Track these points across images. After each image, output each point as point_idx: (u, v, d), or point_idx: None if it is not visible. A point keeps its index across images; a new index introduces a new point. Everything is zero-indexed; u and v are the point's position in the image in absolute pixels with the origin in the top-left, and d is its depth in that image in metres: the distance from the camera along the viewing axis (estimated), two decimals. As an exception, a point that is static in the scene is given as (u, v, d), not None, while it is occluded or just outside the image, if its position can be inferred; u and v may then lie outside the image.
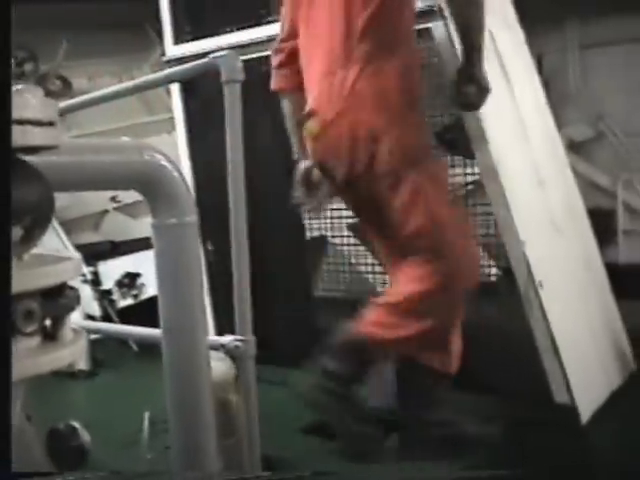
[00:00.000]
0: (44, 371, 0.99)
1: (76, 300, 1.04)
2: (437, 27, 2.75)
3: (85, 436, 1.62)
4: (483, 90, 2.57)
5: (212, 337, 1.67)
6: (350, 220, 4.05)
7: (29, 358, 0.98)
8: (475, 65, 2.54)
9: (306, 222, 4.28)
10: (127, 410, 3.56)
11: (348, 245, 4.33)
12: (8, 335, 0.84)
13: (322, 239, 4.46)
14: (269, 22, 3.35)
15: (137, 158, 1.42)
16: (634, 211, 6.73)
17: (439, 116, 3.56)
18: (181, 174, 1.54)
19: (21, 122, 1.04)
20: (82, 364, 3.95)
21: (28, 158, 0.98)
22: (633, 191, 6.68)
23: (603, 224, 4.81)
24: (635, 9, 6.12)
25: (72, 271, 1.07)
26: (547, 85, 3.74)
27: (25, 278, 0.95)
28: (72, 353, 1.05)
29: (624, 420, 3.08)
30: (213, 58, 1.59)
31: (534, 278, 2.87)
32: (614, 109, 6.60)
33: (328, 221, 4.26)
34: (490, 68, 2.94)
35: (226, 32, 3.47)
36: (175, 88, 3.76)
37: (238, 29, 3.43)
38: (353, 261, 4.42)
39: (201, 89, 3.65)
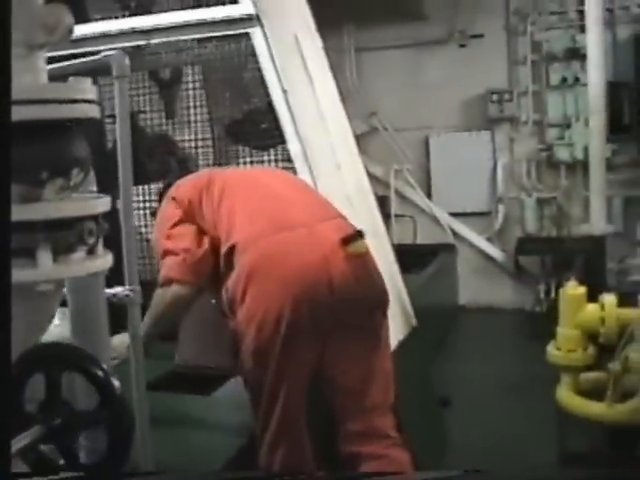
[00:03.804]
0: (90, 272, 1.38)
1: (106, 226, 1.42)
2: (255, 33, 3.20)
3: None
4: None
5: (106, 289, 1.99)
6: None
7: (80, 264, 1.38)
8: None
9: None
10: None
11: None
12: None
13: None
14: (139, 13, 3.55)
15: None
16: (404, 198, 7.65)
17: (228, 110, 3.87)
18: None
19: (87, 101, 1.44)
20: None
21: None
22: (403, 180, 7.58)
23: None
24: (404, 19, 6.99)
25: (108, 204, 1.52)
26: (330, 83, 4.24)
27: (86, 206, 1.33)
28: (106, 262, 1.54)
29: (410, 364, 3.72)
30: (104, 56, 1.92)
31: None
32: (385, 107, 7.44)
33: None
34: (296, 70, 3.46)
35: (95, 20, 3.55)
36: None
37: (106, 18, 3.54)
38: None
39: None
